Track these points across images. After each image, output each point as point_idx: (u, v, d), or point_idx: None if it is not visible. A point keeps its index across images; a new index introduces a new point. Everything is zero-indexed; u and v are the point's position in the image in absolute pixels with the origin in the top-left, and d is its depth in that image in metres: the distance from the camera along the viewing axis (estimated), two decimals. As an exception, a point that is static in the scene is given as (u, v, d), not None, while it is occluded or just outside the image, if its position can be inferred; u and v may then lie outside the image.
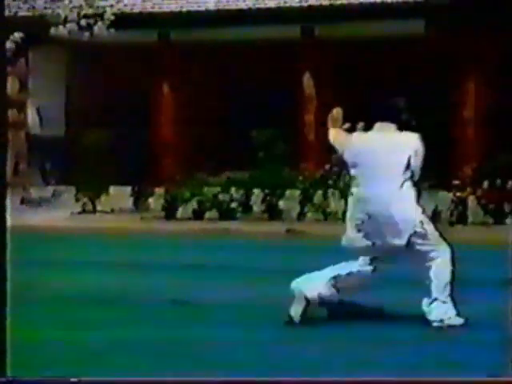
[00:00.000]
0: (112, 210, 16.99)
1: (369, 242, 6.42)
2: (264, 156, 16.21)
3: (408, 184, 6.38)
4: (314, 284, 6.49)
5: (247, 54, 17.04)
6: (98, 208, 17.09)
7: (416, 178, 6.43)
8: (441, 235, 6.43)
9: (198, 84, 17.58)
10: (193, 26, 17.20)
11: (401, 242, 6.30)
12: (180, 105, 17.88)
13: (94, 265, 9.64)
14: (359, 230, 6.47)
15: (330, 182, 15.60)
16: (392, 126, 6.50)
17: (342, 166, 6.78)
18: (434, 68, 15.95)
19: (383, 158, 6.39)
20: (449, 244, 6.42)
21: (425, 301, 6.31)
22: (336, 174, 15.71)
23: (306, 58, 17.06)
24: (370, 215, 6.36)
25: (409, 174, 6.37)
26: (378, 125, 6.52)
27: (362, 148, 6.47)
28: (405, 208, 6.33)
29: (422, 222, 6.33)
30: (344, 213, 16.91)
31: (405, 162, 6.37)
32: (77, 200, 17.09)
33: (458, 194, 14.71)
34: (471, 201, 14.75)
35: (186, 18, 17.32)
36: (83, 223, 15.46)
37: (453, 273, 6.35)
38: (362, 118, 6.61)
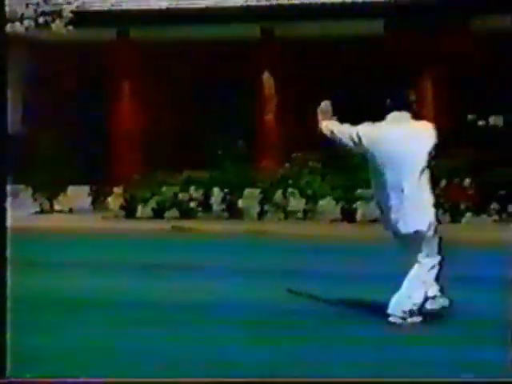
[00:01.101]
0: (70, 210, 16.84)
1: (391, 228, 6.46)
2: (223, 155, 16.19)
3: (427, 174, 6.42)
4: None
5: (207, 53, 17.00)
6: (56, 208, 16.92)
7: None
8: (440, 242, 6.47)
9: (157, 83, 17.50)
10: (152, 24, 17.12)
11: (420, 228, 6.32)
12: (139, 104, 17.78)
13: (55, 265, 9.55)
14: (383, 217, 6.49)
15: (290, 181, 15.63)
16: (407, 116, 6.51)
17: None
18: (393, 67, 16.06)
19: (406, 147, 6.35)
20: (441, 254, 6.45)
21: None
22: (296, 173, 15.75)
23: (266, 57, 17.08)
24: (389, 203, 6.38)
25: (428, 163, 6.40)
26: (392, 115, 6.50)
27: (383, 137, 6.41)
28: (423, 200, 6.35)
29: (431, 224, 6.38)
30: (304, 211, 17.02)
31: (427, 150, 6.40)
32: (34, 200, 16.90)
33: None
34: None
35: (145, 16, 17.22)
36: (42, 223, 15.29)
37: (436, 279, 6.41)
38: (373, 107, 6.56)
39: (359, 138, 6.49)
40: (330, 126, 6.66)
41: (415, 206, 6.33)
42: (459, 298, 6.80)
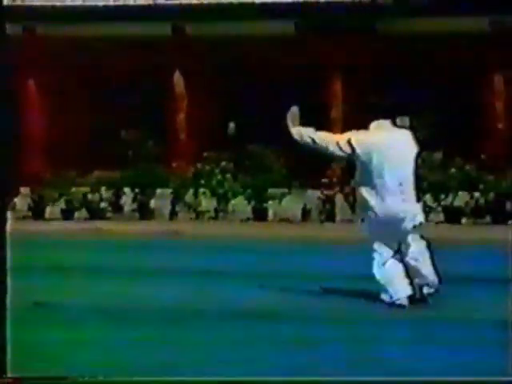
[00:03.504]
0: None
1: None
2: (134, 155, 16.06)
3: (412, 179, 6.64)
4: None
5: (117, 52, 16.83)
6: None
7: None
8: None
9: (66, 81, 17.22)
10: (61, 20, 16.84)
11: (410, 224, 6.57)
12: (47, 102, 17.46)
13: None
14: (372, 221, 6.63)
15: (202, 180, 15.62)
16: (389, 124, 6.69)
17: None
18: (304, 68, 16.25)
19: (400, 150, 6.58)
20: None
21: None
22: (207, 173, 15.75)
23: (177, 56, 17.02)
24: (386, 203, 6.54)
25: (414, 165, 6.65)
26: (375, 123, 6.68)
27: (377, 143, 6.56)
28: (412, 201, 6.60)
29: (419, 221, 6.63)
30: (216, 211, 16.98)
31: (415, 153, 6.66)
32: None
33: (326, 192, 15.02)
34: (339, 199, 15.09)
35: (52, 13, 16.93)
36: None
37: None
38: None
39: (352, 147, 6.57)
40: (307, 133, 6.70)
41: (412, 205, 6.59)
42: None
